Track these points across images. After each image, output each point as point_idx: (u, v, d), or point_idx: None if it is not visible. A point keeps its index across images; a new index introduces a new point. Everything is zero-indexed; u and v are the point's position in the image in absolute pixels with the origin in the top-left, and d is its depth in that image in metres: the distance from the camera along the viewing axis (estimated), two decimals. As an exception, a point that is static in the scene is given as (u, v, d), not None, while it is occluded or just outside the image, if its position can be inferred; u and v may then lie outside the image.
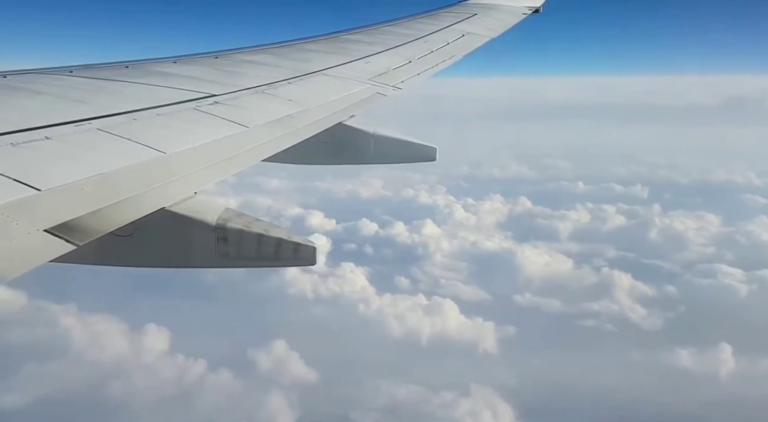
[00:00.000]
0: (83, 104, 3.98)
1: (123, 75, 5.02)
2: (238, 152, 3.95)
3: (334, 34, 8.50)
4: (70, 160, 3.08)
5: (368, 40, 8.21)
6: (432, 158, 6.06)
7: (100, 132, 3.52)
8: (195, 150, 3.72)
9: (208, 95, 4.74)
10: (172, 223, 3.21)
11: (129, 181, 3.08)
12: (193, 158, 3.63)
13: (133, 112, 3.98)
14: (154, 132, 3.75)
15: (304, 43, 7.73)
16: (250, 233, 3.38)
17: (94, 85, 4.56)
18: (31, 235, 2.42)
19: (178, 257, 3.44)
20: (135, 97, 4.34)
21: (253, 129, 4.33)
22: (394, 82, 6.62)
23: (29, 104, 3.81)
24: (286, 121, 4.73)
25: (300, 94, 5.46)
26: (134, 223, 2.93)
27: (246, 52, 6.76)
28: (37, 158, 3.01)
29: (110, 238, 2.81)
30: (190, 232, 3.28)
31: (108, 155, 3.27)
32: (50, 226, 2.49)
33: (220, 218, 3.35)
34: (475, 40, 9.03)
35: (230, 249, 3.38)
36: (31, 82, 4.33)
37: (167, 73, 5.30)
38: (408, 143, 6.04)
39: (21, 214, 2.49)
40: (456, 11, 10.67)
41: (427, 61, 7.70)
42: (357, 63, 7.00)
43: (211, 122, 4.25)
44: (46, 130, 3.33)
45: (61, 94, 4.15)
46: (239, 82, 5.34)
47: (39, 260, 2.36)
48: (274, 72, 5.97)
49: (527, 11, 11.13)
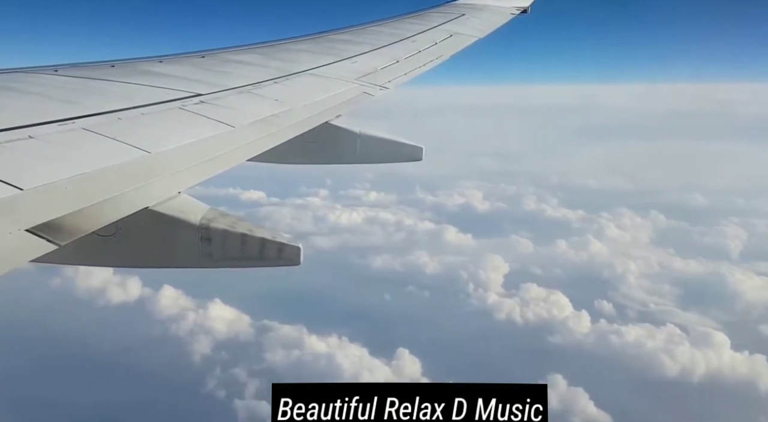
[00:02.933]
0: (68, 104, 3.97)
1: (109, 74, 5.01)
2: (224, 152, 3.95)
3: (322, 34, 8.50)
4: (53, 159, 3.08)
5: (355, 40, 8.22)
6: (418, 157, 6.09)
7: (84, 132, 3.52)
8: (180, 150, 3.72)
9: (193, 95, 4.74)
10: (155, 223, 3.21)
11: (112, 181, 3.08)
12: (178, 158, 3.63)
13: (118, 111, 3.97)
14: (139, 131, 3.75)
15: (291, 43, 7.73)
16: (234, 233, 3.39)
17: (79, 85, 4.54)
18: (12, 235, 2.42)
19: (161, 257, 3.45)
20: (120, 97, 4.33)
21: (239, 129, 4.33)
22: (381, 82, 6.64)
23: (13, 104, 3.80)
24: (272, 120, 4.73)
25: (286, 93, 5.47)
26: (117, 223, 2.94)
27: (232, 51, 6.75)
28: (20, 157, 3.00)
29: (92, 238, 2.81)
30: (174, 232, 3.29)
31: (92, 154, 3.27)
32: (32, 226, 2.49)
33: (204, 218, 3.36)
34: (462, 40, 9.06)
35: (214, 249, 3.39)
36: (15, 81, 4.32)
37: (153, 73, 5.29)
38: (394, 143, 6.07)
39: (2, 213, 2.49)
40: (444, 11, 10.69)
41: (414, 61, 7.71)
42: (344, 63, 7.01)
43: (197, 121, 4.25)
44: (29, 129, 3.32)
45: (46, 93, 4.14)
46: (225, 81, 5.34)
47: (20, 261, 2.37)
48: (261, 72, 5.97)
49: (515, 12, 11.18)
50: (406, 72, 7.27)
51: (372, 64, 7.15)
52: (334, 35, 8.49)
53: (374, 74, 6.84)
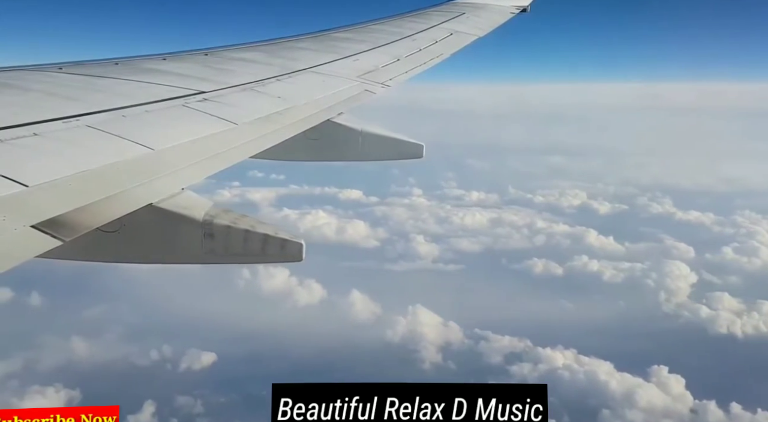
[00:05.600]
0: (72, 101, 4.00)
1: (112, 72, 5.04)
2: (227, 149, 3.98)
3: (323, 32, 8.53)
4: (57, 156, 3.11)
5: (357, 38, 8.24)
6: (419, 155, 6.12)
7: (88, 129, 3.55)
8: (183, 147, 3.75)
9: (197, 92, 4.77)
10: (158, 219, 3.24)
11: (116, 177, 3.11)
12: (181, 155, 3.66)
13: (122, 108, 4.00)
14: (143, 129, 3.78)
15: (294, 41, 7.75)
16: (237, 229, 3.42)
17: (83, 82, 4.57)
18: (17, 231, 2.45)
19: (165, 253, 3.48)
20: (124, 94, 4.36)
21: (242, 126, 4.36)
22: (383, 80, 6.66)
23: (18, 101, 3.83)
24: (274, 118, 4.76)
25: (289, 91, 5.49)
26: (121, 219, 2.97)
27: (235, 49, 6.78)
28: (25, 154, 3.04)
29: (97, 234, 2.84)
30: (177, 228, 3.32)
31: (96, 151, 3.30)
32: (37, 222, 2.52)
33: (207, 214, 3.39)
34: (463, 38, 9.08)
35: (217, 245, 3.41)
36: (19, 79, 4.35)
37: (157, 70, 5.31)
38: (395, 141, 6.09)
39: (8, 210, 2.52)
40: (444, 10, 10.71)
41: (415, 59, 7.74)
42: (346, 61, 7.04)
43: (200, 118, 4.28)
44: (34, 126, 3.35)
45: (50, 91, 4.16)
46: (228, 79, 5.37)
47: (25, 256, 2.40)
48: (264, 69, 5.99)
49: (515, 10, 11.21)
50: (407, 70, 7.29)
51: (373, 62, 7.18)
52: (335, 33, 8.52)
53: (375, 72, 6.86)
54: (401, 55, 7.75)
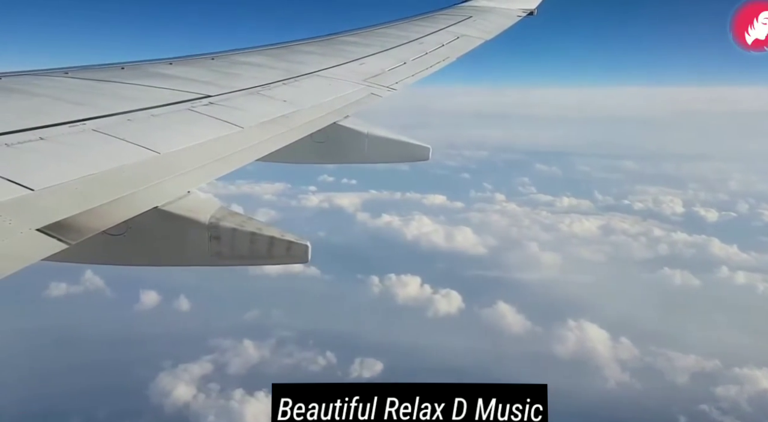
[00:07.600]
0: (78, 105, 4.01)
1: (119, 76, 5.05)
2: (233, 152, 3.98)
3: (330, 35, 8.54)
4: (64, 160, 3.11)
5: (364, 42, 8.24)
6: (425, 157, 6.11)
7: (95, 133, 3.55)
8: (189, 150, 3.75)
9: (203, 96, 4.78)
10: (164, 222, 3.24)
11: (122, 180, 3.11)
12: (187, 158, 3.66)
13: (128, 112, 4.01)
14: (149, 133, 3.78)
15: (299, 45, 7.76)
16: (243, 232, 3.41)
17: (89, 87, 4.58)
18: (24, 234, 2.45)
19: (171, 256, 3.48)
20: (130, 98, 4.37)
21: (248, 129, 4.36)
22: (389, 83, 6.66)
23: (24, 105, 3.84)
24: (280, 121, 4.76)
25: (295, 95, 5.49)
26: (127, 222, 2.97)
27: (241, 53, 6.79)
28: (31, 158, 3.04)
29: (103, 237, 2.84)
30: (183, 231, 3.31)
31: (102, 155, 3.30)
32: (43, 225, 2.52)
33: (213, 217, 3.39)
34: (469, 42, 9.07)
35: (223, 247, 3.41)
36: (26, 83, 4.36)
37: (163, 75, 5.33)
38: (402, 143, 6.09)
39: (14, 213, 2.52)
40: (451, 14, 10.71)
41: (421, 62, 7.73)
42: (352, 64, 7.04)
43: (206, 122, 4.28)
44: (40, 131, 3.36)
45: (57, 95, 4.18)
46: (234, 83, 5.37)
47: (32, 259, 2.40)
48: (269, 73, 6.00)
49: (521, 13, 11.19)
50: (414, 73, 7.29)
51: (380, 66, 7.18)
52: (341, 37, 8.53)
53: (382, 76, 6.86)
54: (408, 58, 7.74)
